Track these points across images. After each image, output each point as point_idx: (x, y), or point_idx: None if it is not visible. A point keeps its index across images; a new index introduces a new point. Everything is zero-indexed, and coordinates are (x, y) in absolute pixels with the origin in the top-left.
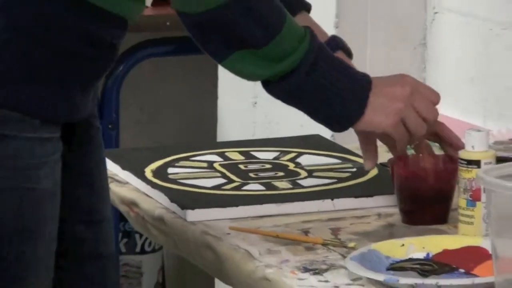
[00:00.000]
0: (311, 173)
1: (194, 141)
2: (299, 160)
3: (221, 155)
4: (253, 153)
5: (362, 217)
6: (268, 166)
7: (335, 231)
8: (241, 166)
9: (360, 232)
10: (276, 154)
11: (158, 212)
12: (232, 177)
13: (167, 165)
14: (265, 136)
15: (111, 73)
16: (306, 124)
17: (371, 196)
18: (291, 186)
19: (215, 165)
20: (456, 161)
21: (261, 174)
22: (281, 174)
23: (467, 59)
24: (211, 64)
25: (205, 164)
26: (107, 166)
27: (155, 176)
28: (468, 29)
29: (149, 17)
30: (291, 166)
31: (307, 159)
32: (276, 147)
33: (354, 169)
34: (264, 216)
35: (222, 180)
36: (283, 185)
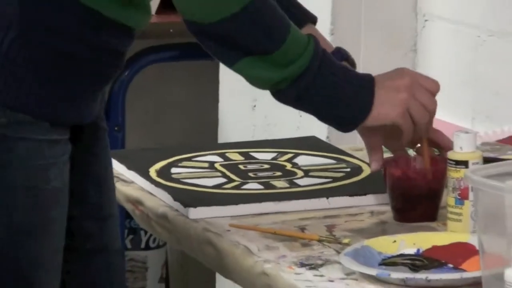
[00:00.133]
0: (307, 173)
1: (196, 142)
2: (296, 160)
3: (221, 155)
4: (252, 154)
5: (355, 214)
6: (266, 166)
7: (330, 228)
8: (240, 166)
9: (354, 229)
10: (274, 154)
11: (162, 210)
12: (232, 176)
13: (171, 165)
14: (264, 137)
15: (117, 77)
16: (302, 126)
17: (365, 194)
18: (288, 185)
19: (216, 165)
20: (445, 161)
21: (260, 174)
22: (278, 173)
23: (456, 65)
24: (212, 69)
25: (206, 164)
26: (113, 166)
27: (159, 175)
28: (457, 36)
29: (154, 24)
30: (288, 166)
31: (304, 160)
32: (274, 148)
33: (348, 169)
34: (263, 214)
35: (222, 180)
36: (281, 184)
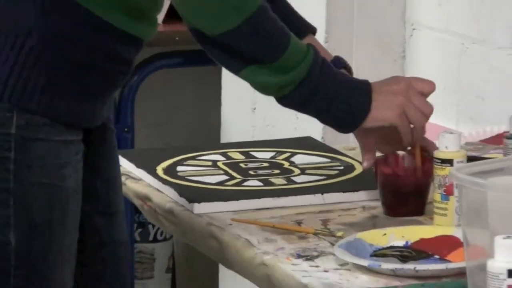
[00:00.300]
0: (303, 171)
1: (200, 143)
2: (293, 159)
3: (224, 155)
4: (252, 153)
5: (348, 209)
6: (265, 165)
7: (325, 222)
8: (241, 165)
9: (347, 223)
10: (272, 154)
11: (169, 205)
12: (234, 174)
13: (176, 163)
14: (263, 138)
15: (126, 83)
16: (299, 127)
17: (357, 191)
18: (286, 182)
19: (219, 163)
20: (432, 160)
21: (259, 172)
22: (277, 171)
23: (442, 70)
24: (215, 75)
25: (209, 163)
26: (123, 165)
27: (166, 173)
28: (443, 44)
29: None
30: (286, 164)
31: (300, 158)
32: (273, 147)
33: (342, 167)
34: (262, 209)
35: (224, 177)
36: (279, 181)
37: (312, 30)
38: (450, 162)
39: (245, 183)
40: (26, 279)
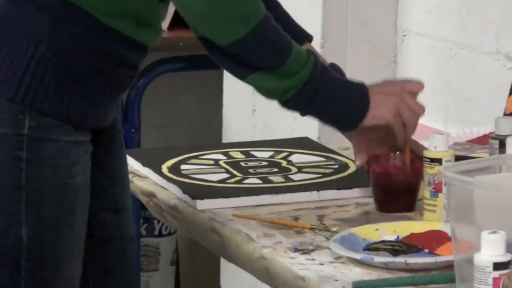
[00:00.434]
0: (300, 169)
1: (202, 143)
2: (290, 158)
3: (225, 154)
4: (252, 153)
5: (343, 206)
6: (264, 163)
7: (320, 218)
8: (242, 163)
9: (341, 218)
10: (271, 153)
11: (173, 202)
12: (235, 172)
13: (180, 162)
14: (262, 138)
15: (133, 86)
16: (296, 128)
17: (351, 188)
18: (283, 180)
19: (220, 162)
20: (421, 159)
21: (259, 170)
22: (275, 170)
23: (431, 74)
24: (217, 78)
25: (212, 162)
26: (130, 163)
27: (170, 171)
28: (432, 49)
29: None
30: (284, 163)
31: (297, 158)
32: (272, 147)
33: (337, 166)
34: (261, 205)
35: (226, 175)
36: (277, 179)
37: (309, 38)
38: (439, 161)
39: (245, 181)
40: (36, 272)
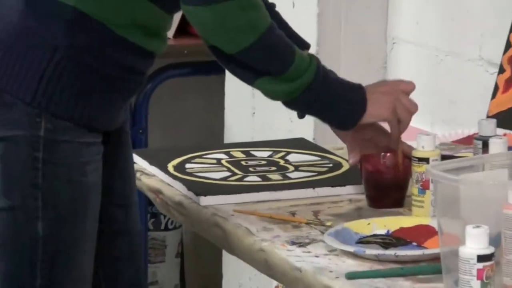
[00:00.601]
0: (297, 168)
1: (206, 143)
2: (288, 157)
3: (227, 153)
4: (252, 152)
5: (337, 202)
6: (264, 162)
7: (316, 213)
8: (242, 162)
9: (335, 213)
10: (270, 153)
11: (178, 198)
12: (236, 171)
13: (185, 161)
14: (262, 139)
15: (141, 90)
16: (293, 130)
17: (344, 185)
18: (281, 178)
19: (222, 161)
20: (410, 158)
21: (258, 169)
22: (274, 168)
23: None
24: (220, 83)
25: (214, 161)
26: (138, 162)
27: (176, 170)
28: (419, 56)
29: (171, 46)
30: (282, 162)
31: (294, 157)
32: (270, 147)
33: (331, 165)
34: (261, 201)
35: (227, 173)
36: (276, 177)
37: (307, 46)
38: (426, 160)
39: (246, 179)
40: (52, 265)
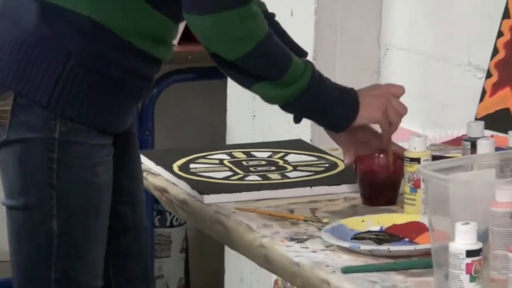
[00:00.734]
0: (295, 168)
1: (209, 144)
2: (286, 158)
3: (229, 154)
4: (253, 153)
5: (333, 200)
6: (263, 163)
7: (313, 211)
8: (243, 163)
9: (331, 211)
10: (269, 153)
11: (183, 196)
12: (237, 170)
13: (189, 162)
14: (262, 140)
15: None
16: (292, 131)
17: (340, 184)
18: (280, 177)
19: (225, 161)
20: (402, 159)
21: (259, 168)
22: (273, 168)
23: (411, 83)
24: (222, 87)
25: (217, 161)
26: (145, 162)
27: (180, 170)
28: (411, 61)
29: (176, 52)
30: (281, 162)
31: (293, 157)
32: (270, 148)
33: (327, 165)
34: (261, 199)
35: (229, 173)
36: (275, 176)
37: (304, 54)
38: (417, 160)
39: (247, 178)
40: (66, 259)
